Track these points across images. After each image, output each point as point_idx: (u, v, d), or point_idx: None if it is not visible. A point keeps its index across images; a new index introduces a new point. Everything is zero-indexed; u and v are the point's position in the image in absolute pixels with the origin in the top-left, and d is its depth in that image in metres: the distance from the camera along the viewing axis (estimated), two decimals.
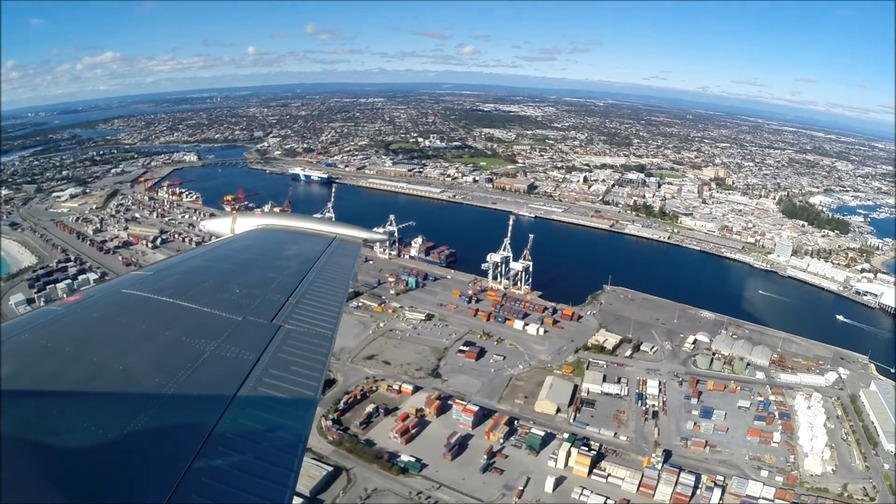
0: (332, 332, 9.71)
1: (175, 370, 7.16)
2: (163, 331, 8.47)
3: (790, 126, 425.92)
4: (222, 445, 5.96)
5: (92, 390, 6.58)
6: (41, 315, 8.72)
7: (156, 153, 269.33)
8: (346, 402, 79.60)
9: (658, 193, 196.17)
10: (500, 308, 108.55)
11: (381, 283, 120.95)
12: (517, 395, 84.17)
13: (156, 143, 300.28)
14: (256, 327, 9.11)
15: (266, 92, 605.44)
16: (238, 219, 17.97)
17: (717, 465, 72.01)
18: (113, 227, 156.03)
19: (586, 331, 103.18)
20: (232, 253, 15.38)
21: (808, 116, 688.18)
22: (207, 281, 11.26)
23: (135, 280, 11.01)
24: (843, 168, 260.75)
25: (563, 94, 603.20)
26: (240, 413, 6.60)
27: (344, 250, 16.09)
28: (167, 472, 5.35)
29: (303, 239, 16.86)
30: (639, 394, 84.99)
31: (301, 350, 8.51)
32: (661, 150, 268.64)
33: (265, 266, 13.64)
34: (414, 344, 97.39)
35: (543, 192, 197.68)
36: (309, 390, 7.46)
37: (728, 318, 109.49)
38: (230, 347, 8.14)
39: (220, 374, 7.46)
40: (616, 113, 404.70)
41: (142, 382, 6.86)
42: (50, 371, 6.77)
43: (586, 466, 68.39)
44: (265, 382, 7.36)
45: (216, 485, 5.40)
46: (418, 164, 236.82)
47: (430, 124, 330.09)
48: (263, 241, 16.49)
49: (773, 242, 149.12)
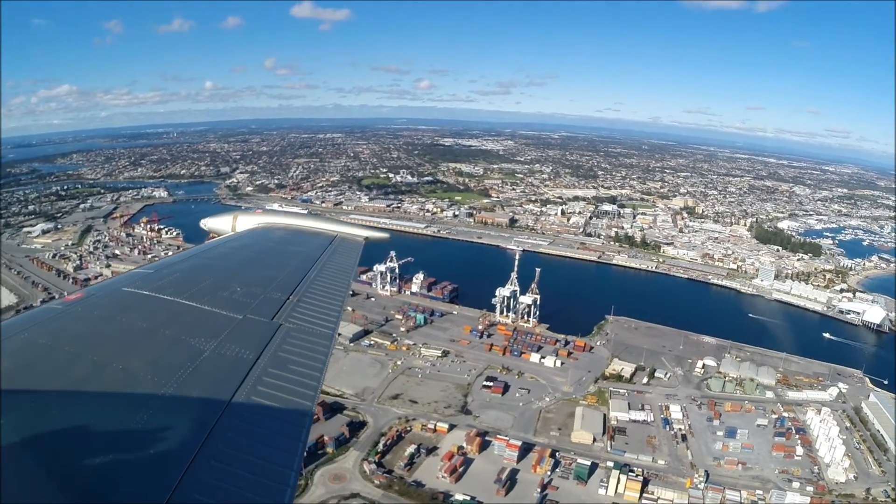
0: (332, 330, 10.06)
1: (175, 369, 7.33)
2: (163, 329, 8.72)
3: (742, 153, 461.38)
4: (223, 444, 6.09)
5: (92, 389, 6.71)
6: (42, 313, 8.99)
7: (122, 189, 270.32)
8: (384, 444, 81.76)
9: (635, 224, 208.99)
10: (513, 342, 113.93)
11: (389, 321, 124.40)
12: (550, 427, 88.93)
13: (120, 179, 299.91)
14: (257, 326, 9.43)
15: (222, 127, 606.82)
16: (239, 217, 18.51)
17: (751, 481, 78.94)
18: (94, 265, 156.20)
19: (600, 361, 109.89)
20: (233, 251, 15.85)
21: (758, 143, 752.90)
22: (208, 279, 11.55)
23: (136, 278, 11.30)
24: (801, 193, 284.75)
25: (518, 127, 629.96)
26: (240, 412, 6.77)
27: (345, 249, 16.61)
28: (167, 472, 5.46)
29: (304, 237, 17.44)
30: (664, 419, 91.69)
31: (301, 349, 8.80)
32: (627, 182, 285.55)
33: (266, 264, 14.20)
34: (436, 381, 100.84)
35: (525, 226, 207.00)
36: (309, 389, 7.64)
37: (729, 342, 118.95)
38: (230, 346, 8.38)
39: (221, 372, 7.64)
40: (573, 145, 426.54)
41: (142, 381, 6.98)
42: (50, 369, 6.90)
43: (637, 492, 73.82)
44: (265, 381, 7.55)
45: (216, 484, 5.54)
46: (395, 199, 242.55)
47: (395, 159, 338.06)
48: (264, 240, 17.05)
49: (755, 268, 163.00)
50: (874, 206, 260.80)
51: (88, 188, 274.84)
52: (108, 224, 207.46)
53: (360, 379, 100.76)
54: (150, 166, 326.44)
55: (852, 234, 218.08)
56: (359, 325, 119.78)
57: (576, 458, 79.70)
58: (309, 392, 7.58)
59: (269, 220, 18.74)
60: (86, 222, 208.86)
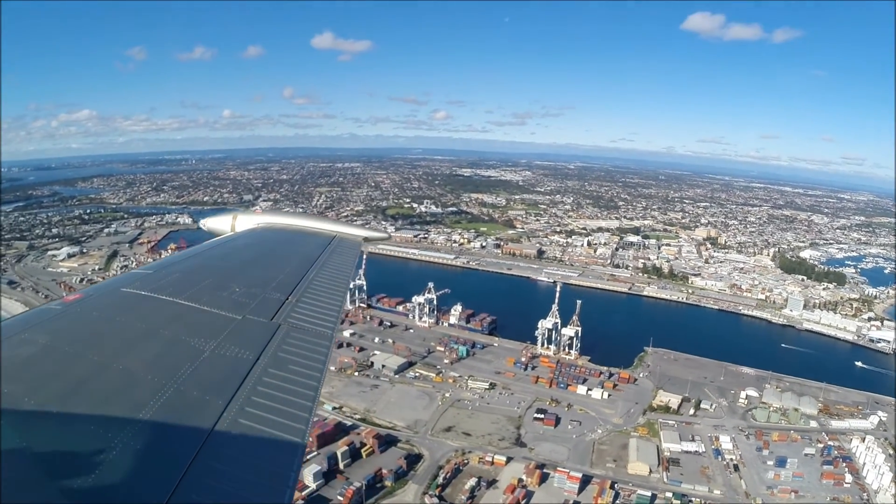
0: (331, 330, 10.15)
1: (175, 369, 7.39)
2: (162, 329, 8.81)
3: (758, 182, 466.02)
4: (222, 445, 6.19)
5: (92, 389, 6.76)
6: (41, 314, 9.02)
7: (146, 214, 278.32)
8: (444, 477, 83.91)
9: (661, 255, 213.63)
10: (558, 374, 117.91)
11: (431, 353, 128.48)
12: (605, 458, 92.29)
13: (142, 204, 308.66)
14: (256, 326, 9.53)
15: (240, 155, 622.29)
16: (238, 217, 18.66)
17: None
18: None
19: (645, 393, 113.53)
20: (232, 251, 16.02)
21: (772, 172, 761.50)
22: (207, 279, 11.64)
23: (135, 278, 11.40)
24: (819, 221, 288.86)
25: (534, 157, 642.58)
26: (240, 412, 6.81)
27: (344, 249, 16.82)
28: (167, 472, 5.54)
29: (303, 237, 17.69)
30: (715, 449, 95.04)
31: (301, 349, 8.91)
32: (649, 212, 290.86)
33: (265, 264, 14.30)
34: (487, 413, 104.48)
35: (553, 257, 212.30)
36: (309, 389, 7.74)
37: (767, 372, 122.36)
38: (230, 346, 8.45)
39: (220, 372, 7.73)
40: (590, 176, 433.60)
41: (141, 381, 7.04)
42: (49, 369, 6.95)
43: None
44: (265, 381, 7.63)
45: (216, 485, 5.64)
46: (421, 229, 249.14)
47: (416, 189, 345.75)
48: (264, 240, 17.28)
49: (783, 298, 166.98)
50: (892, 234, 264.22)
51: (111, 213, 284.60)
52: (133, 249, 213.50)
53: (409, 411, 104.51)
54: (172, 192, 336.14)
55: (873, 262, 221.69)
56: (402, 357, 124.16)
57: (635, 490, 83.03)
58: (309, 392, 7.69)
59: (268, 220, 19.20)
60: (111, 247, 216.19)
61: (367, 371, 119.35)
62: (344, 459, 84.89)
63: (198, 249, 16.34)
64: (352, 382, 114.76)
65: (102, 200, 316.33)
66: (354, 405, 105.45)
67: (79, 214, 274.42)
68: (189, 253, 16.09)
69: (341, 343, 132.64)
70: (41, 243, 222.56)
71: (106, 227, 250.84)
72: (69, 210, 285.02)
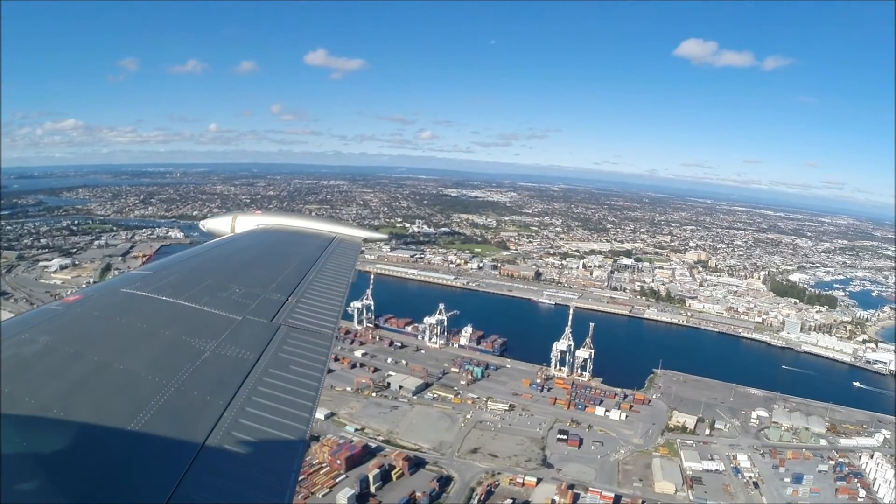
0: (332, 331, 10.23)
1: (175, 370, 7.52)
2: (162, 330, 8.88)
3: (740, 206, 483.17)
4: (223, 445, 6.26)
5: (92, 389, 6.83)
6: (41, 314, 9.13)
7: (135, 227, 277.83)
8: (478, 499, 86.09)
9: (656, 278, 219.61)
10: (575, 395, 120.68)
11: (446, 374, 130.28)
12: (631, 478, 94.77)
13: (131, 217, 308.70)
14: (256, 327, 9.61)
15: (224, 170, 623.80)
16: (238, 218, 18.86)
17: None
18: None
19: (660, 413, 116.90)
20: (232, 252, 16.14)
21: (753, 195, 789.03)
22: (207, 280, 11.72)
23: (134, 279, 11.47)
24: (804, 245, 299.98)
25: (517, 178, 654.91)
26: (240, 412, 6.92)
27: (344, 250, 16.99)
28: (167, 472, 5.60)
29: (303, 238, 17.87)
30: (734, 468, 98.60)
31: (301, 349, 9.00)
32: (638, 235, 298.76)
33: (265, 265, 14.44)
34: (510, 435, 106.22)
35: (550, 279, 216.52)
36: (309, 389, 7.85)
37: (774, 393, 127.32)
38: (230, 347, 8.56)
39: (220, 373, 7.87)
40: (576, 198, 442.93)
41: (141, 382, 7.13)
42: (49, 370, 7.05)
43: None
44: (265, 382, 7.78)
45: (217, 484, 5.70)
46: (416, 249, 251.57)
47: (405, 209, 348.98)
48: (264, 241, 17.47)
49: (779, 321, 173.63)
50: (875, 257, 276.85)
51: (100, 224, 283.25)
52: (127, 263, 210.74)
53: (432, 433, 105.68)
54: (160, 206, 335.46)
55: (860, 285, 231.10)
56: (419, 378, 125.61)
57: None
58: (310, 392, 7.74)
59: (268, 221, 19.38)
60: (104, 259, 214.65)
61: (384, 392, 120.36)
62: (375, 482, 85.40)
63: (198, 250, 16.69)
64: (370, 403, 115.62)
65: (90, 212, 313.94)
66: (377, 426, 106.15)
67: (67, 225, 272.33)
68: (189, 254, 16.29)
69: (354, 364, 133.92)
70: (30, 254, 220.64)
71: (96, 240, 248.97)
72: (56, 220, 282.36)
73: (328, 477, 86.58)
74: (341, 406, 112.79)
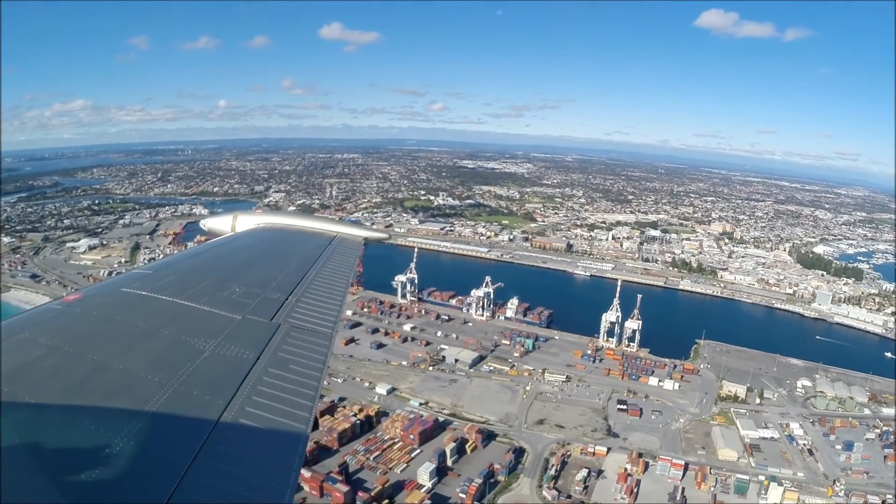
0: (332, 330, 10.32)
1: (174, 369, 7.56)
2: (162, 329, 8.97)
3: (754, 176, 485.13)
4: (222, 445, 6.30)
5: (91, 389, 6.86)
6: (41, 314, 9.23)
7: (157, 205, 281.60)
8: (556, 470, 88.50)
9: (686, 250, 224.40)
10: (627, 366, 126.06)
11: (498, 346, 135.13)
12: (694, 446, 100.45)
13: (150, 195, 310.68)
14: (256, 326, 9.74)
15: (234, 146, 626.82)
16: (239, 217, 18.95)
17: (877, 488, 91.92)
18: None
19: (710, 383, 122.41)
20: (232, 251, 16.21)
21: (766, 166, 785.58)
22: (207, 279, 11.79)
23: (134, 278, 11.57)
24: (823, 217, 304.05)
25: (529, 149, 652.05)
26: (240, 412, 6.95)
27: (345, 249, 17.02)
28: (167, 472, 5.63)
29: (303, 238, 17.94)
30: (788, 436, 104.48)
31: (301, 349, 9.13)
32: (660, 206, 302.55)
33: (265, 264, 14.45)
34: (572, 406, 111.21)
35: (582, 251, 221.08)
36: (309, 389, 7.88)
37: (812, 363, 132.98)
38: (230, 346, 8.65)
39: (220, 373, 7.92)
40: (592, 168, 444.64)
41: (141, 381, 7.18)
42: (49, 369, 7.07)
43: (795, 501, 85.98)
44: (265, 381, 7.81)
45: (217, 484, 5.74)
46: (445, 222, 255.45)
47: (425, 181, 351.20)
48: (264, 240, 17.49)
49: (809, 292, 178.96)
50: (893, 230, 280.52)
51: (121, 203, 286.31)
52: (156, 241, 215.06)
53: (496, 405, 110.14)
54: (178, 183, 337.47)
55: (883, 258, 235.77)
56: (472, 351, 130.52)
57: (729, 475, 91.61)
58: (310, 392, 7.79)
59: (268, 220, 19.57)
60: (131, 238, 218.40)
61: (440, 365, 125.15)
62: (452, 456, 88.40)
63: (198, 249, 16.67)
64: (428, 377, 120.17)
65: (109, 191, 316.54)
66: (440, 400, 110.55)
67: (88, 205, 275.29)
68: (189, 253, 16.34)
69: (405, 338, 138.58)
70: (55, 235, 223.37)
71: (120, 219, 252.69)
72: (76, 201, 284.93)
73: (403, 452, 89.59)
74: (400, 381, 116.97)
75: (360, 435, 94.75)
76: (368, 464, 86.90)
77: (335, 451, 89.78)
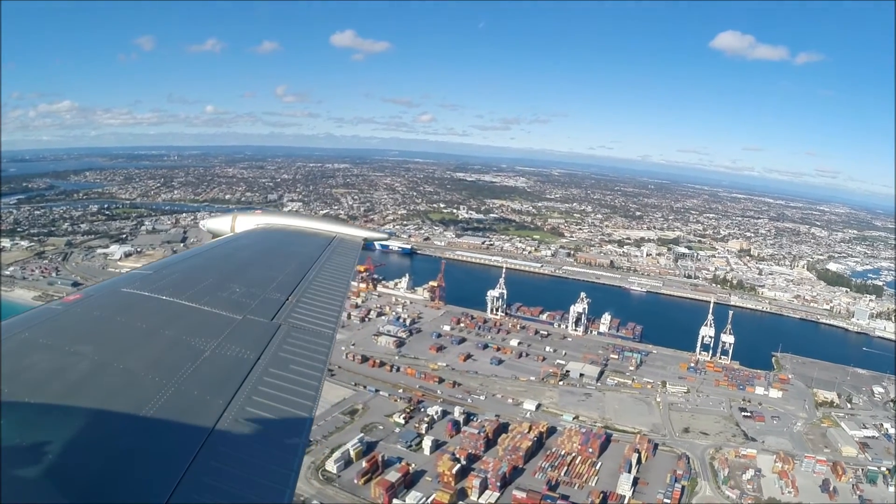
0: (332, 330, 10.92)
1: (175, 369, 7.92)
2: (163, 330, 9.42)
3: (738, 192, 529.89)
4: (222, 445, 6.60)
5: (92, 389, 7.22)
6: (41, 314, 9.55)
7: (169, 211, 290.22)
8: (726, 473, 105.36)
9: (718, 267, 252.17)
10: (731, 377, 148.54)
11: (608, 360, 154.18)
12: (818, 445, 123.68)
13: (158, 200, 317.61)
14: (257, 326, 10.23)
15: (218, 152, 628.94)
16: (238, 217, 20.07)
17: None
18: None
19: (803, 391, 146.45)
20: (232, 252, 17.12)
21: (744, 182, 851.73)
22: (207, 280, 12.44)
23: (135, 279, 12.17)
24: (820, 234, 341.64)
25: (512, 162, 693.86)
26: (240, 412, 7.31)
27: (344, 249, 18.22)
28: (167, 472, 5.89)
29: (303, 238, 19.16)
30: (886, 434, 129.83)
31: (301, 349, 9.62)
32: (671, 223, 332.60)
33: (265, 265, 15.41)
34: (703, 415, 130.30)
35: (626, 267, 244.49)
36: (310, 389, 8.29)
37: (876, 372, 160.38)
38: (230, 346, 9.09)
39: (221, 373, 8.30)
40: (583, 183, 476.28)
41: (141, 381, 7.53)
42: (49, 369, 7.41)
43: None
44: (265, 381, 8.21)
45: (216, 485, 6.00)
46: (483, 236, 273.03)
47: (431, 193, 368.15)
48: (264, 240, 18.58)
49: (844, 308, 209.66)
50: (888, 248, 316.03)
51: (130, 209, 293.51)
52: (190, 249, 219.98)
53: (638, 416, 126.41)
54: (184, 189, 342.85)
55: (890, 275, 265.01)
56: (592, 365, 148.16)
57: (860, 467, 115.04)
58: (310, 392, 8.22)
59: (268, 220, 20.41)
60: (163, 245, 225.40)
61: (567, 380, 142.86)
62: (637, 465, 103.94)
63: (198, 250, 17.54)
64: (563, 392, 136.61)
65: (113, 196, 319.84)
66: (587, 413, 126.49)
67: (99, 210, 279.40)
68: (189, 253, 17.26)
69: (520, 353, 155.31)
70: (77, 240, 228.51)
71: (141, 225, 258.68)
72: (83, 205, 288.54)
73: (586, 465, 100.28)
74: (538, 396, 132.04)
75: (536, 452, 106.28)
76: (562, 479, 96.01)
77: (521, 469, 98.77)
